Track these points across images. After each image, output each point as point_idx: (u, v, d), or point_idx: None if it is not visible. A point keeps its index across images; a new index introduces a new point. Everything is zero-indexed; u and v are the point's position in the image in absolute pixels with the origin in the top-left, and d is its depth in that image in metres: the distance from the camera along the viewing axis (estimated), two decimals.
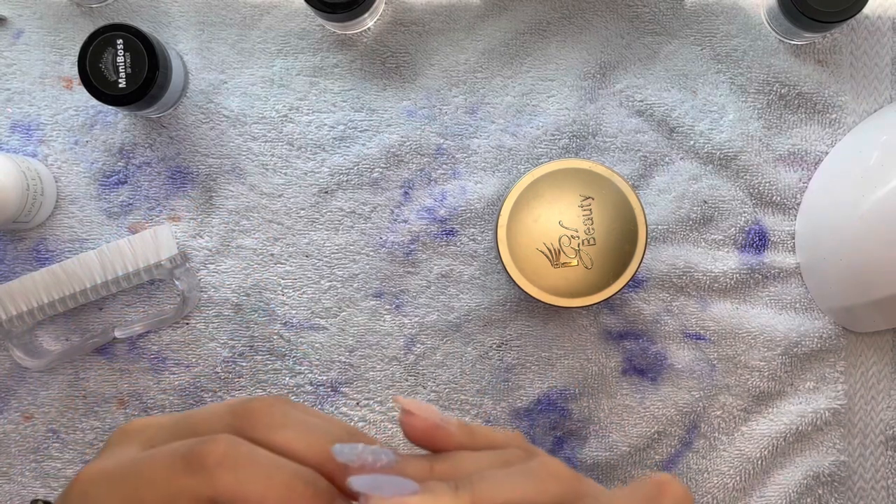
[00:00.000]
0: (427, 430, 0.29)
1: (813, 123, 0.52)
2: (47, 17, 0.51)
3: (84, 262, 0.49)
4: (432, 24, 0.52)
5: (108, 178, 0.51)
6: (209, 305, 0.51)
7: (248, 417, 0.27)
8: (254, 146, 0.51)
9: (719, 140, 0.51)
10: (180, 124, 0.51)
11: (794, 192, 0.52)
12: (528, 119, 0.51)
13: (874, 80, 0.52)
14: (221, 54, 0.51)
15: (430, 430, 0.29)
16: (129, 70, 0.46)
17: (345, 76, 0.51)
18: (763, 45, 0.52)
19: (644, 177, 0.52)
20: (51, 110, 0.51)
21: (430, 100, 0.51)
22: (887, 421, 0.52)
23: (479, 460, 0.28)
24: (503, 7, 0.52)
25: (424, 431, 0.29)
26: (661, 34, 0.52)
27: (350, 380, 0.51)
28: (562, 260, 0.45)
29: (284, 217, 0.51)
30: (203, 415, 0.28)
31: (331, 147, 0.51)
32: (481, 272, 0.51)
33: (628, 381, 0.52)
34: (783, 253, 0.52)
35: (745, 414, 0.52)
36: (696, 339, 0.52)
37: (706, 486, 0.52)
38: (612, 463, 0.51)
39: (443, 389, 0.51)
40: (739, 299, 0.52)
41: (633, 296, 0.51)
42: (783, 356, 0.51)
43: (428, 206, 0.51)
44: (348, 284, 0.51)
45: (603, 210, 0.45)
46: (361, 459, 0.27)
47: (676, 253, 0.51)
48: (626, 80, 0.52)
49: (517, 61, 0.52)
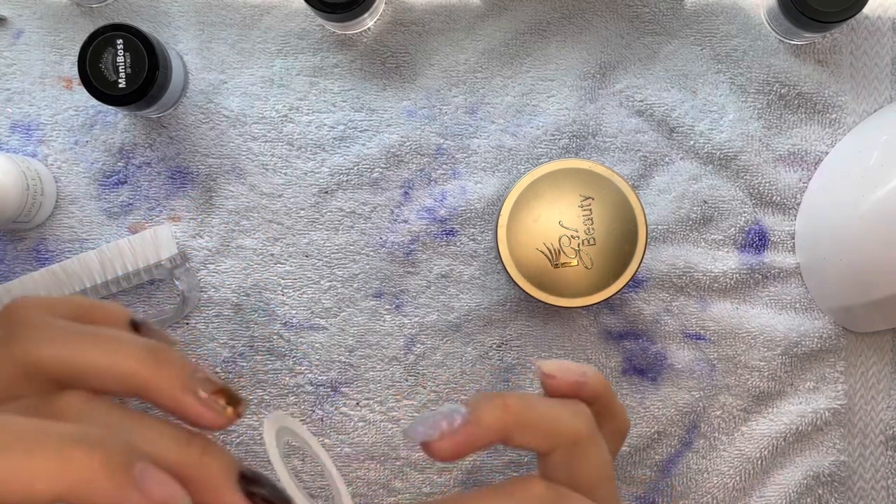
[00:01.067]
0: (570, 389, 0.33)
1: (813, 123, 0.52)
2: (47, 17, 0.51)
3: (84, 262, 0.49)
4: (432, 24, 0.52)
5: (108, 178, 0.51)
6: (209, 305, 0.51)
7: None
8: (254, 146, 0.51)
9: (719, 140, 0.51)
10: (180, 124, 0.51)
11: (794, 192, 0.52)
12: (528, 119, 0.51)
13: (874, 80, 0.52)
14: (221, 54, 0.51)
15: (574, 388, 0.33)
16: (129, 70, 0.46)
17: (345, 76, 0.51)
18: (763, 45, 0.52)
19: (644, 177, 0.52)
20: (51, 110, 0.51)
21: (430, 100, 0.51)
22: (887, 421, 0.52)
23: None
24: (503, 7, 0.52)
25: (568, 389, 0.33)
26: (661, 34, 0.52)
27: (350, 380, 0.51)
28: (562, 260, 0.45)
29: (284, 217, 0.51)
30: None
31: (331, 147, 0.51)
32: (481, 272, 0.51)
33: (628, 381, 0.52)
34: (783, 253, 0.52)
35: (745, 414, 0.52)
36: (696, 339, 0.52)
37: (706, 486, 0.52)
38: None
39: (443, 389, 0.51)
40: (739, 299, 0.52)
41: (633, 296, 0.51)
42: (783, 356, 0.51)
43: (428, 206, 0.51)
44: (348, 284, 0.51)
45: (603, 210, 0.45)
46: (440, 429, 0.27)
47: (676, 253, 0.51)
48: (626, 80, 0.52)
49: (517, 61, 0.52)
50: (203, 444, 0.24)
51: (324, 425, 0.51)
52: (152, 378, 0.24)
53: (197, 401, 0.24)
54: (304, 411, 0.51)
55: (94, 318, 0.25)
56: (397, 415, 0.51)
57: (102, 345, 0.24)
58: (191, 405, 0.24)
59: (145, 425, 0.23)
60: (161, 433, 0.23)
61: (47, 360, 0.23)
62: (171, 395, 0.24)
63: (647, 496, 0.52)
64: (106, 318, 0.25)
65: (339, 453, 0.51)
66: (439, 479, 0.51)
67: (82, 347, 0.23)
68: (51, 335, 0.23)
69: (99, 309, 0.25)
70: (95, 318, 0.25)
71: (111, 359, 0.23)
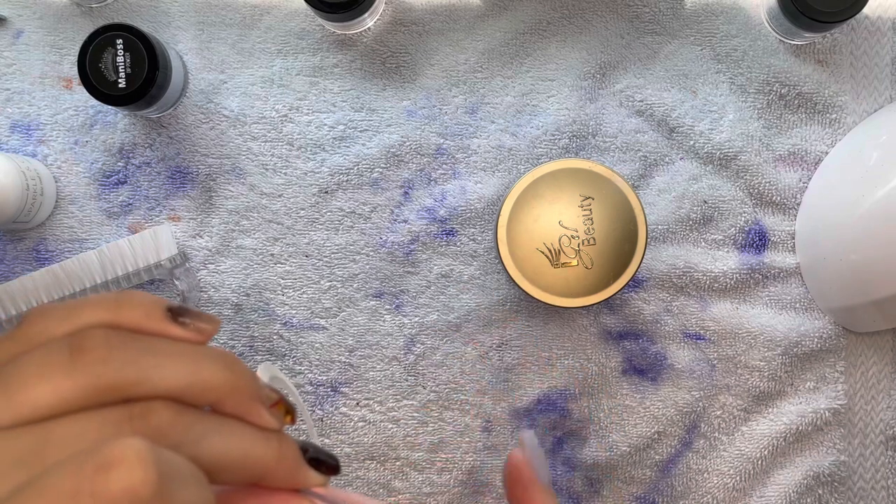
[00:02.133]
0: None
1: (813, 123, 0.52)
2: (47, 17, 0.51)
3: (84, 262, 0.49)
4: (432, 24, 0.52)
5: (108, 178, 0.51)
6: (209, 305, 0.51)
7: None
8: (254, 146, 0.51)
9: (719, 140, 0.51)
10: (180, 124, 0.51)
11: (794, 192, 0.52)
12: (528, 119, 0.51)
13: (874, 80, 0.52)
14: (221, 54, 0.51)
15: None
16: (129, 70, 0.46)
17: (345, 76, 0.51)
18: (763, 45, 0.52)
19: (644, 177, 0.52)
20: (50, 110, 0.51)
21: (430, 100, 0.51)
22: (887, 421, 0.52)
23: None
24: (503, 7, 0.52)
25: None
26: (661, 34, 0.52)
27: (350, 380, 0.51)
28: (562, 260, 0.45)
29: (284, 217, 0.51)
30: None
31: (331, 147, 0.51)
32: (481, 272, 0.51)
33: (628, 381, 0.52)
34: (783, 253, 0.52)
35: (745, 414, 0.52)
36: (696, 339, 0.52)
37: (706, 486, 0.52)
38: (613, 463, 0.51)
39: (443, 389, 0.51)
40: (739, 299, 0.52)
41: (633, 296, 0.51)
42: (783, 356, 0.51)
43: (428, 206, 0.51)
44: (348, 284, 0.51)
45: (603, 210, 0.45)
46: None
47: (676, 253, 0.51)
48: (626, 80, 0.52)
49: (517, 61, 0.52)
50: (279, 436, 0.26)
51: (324, 425, 0.51)
52: (231, 391, 0.25)
53: (266, 410, 0.25)
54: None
55: (129, 316, 0.25)
56: (397, 415, 0.51)
57: (179, 360, 0.24)
58: (261, 413, 0.25)
59: (225, 424, 0.25)
60: (242, 429, 0.25)
61: (128, 382, 0.23)
62: (245, 405, 0.25)
63: (647, 496, 0.52)
64: (144, 312, 0.25)
65: (339, 453, 0.51)
66: (439, 479, 0.51)
67: (162, 367, 0.23)
68: (128, 357, 0.23)
69: (130, 303, 0.25)
70: (134, 317, 0.25)
71: (193, 376, 0.24)
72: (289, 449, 0.26)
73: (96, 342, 0.23)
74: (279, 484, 0.25)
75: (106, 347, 0.23)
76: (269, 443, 0.25)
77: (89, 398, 0.22)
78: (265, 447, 0.25)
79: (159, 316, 0.25)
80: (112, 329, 0.24)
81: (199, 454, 0.23)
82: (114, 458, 0.20)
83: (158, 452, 0.21)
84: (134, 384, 0.23)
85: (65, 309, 0.24)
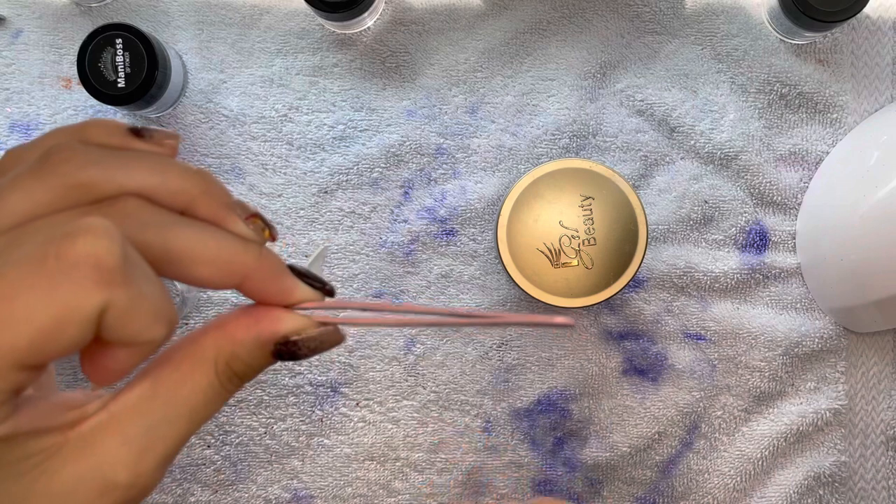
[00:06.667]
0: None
1: (814, 123, 0.52)
2: (46, 17, 0.51)
3: None
4: (432, 24, 0.51)
5: None
6: (209, 305, 0.51)
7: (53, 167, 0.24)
8: (253, 146, 0.51)
9: (720, 140, 0.51)
10: (179, 124, 0.51)
11: (795, 192, 0.52)
12: (528, 119, 0.51)
13: (875, 80, 0.52)
14: (221, 54, 0.51)
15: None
16: (129, 70, 0.46)
17: (344, 76, 0.51)
18: (764, 44, 0.51)
19: (644, 177, 0.52)
20: (50, 110, 0.51)
21: (430, 99, 0.51)
22: (888, 421, 0.52)
23: None
24: (503, 6, 0.52)
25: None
26: (661, 34, 0.52)
27: (350, 380, 0.51)
28: (562, 260, 0.45)
29: (284, 217, 0.51)
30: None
31: (330, 147, 0.51)
32: (481, 272, 0.51)
33: (629, 381, 0.52)
34: (784, 253, 0.52)
35: (746, 414, 0.52)
36: (697, 339, 0.52)
37: (706, 487, 0.52)
38: (613, 463, 0.51)
39: (443, 389, 0.51)
40: (740, 299, 0.52)
41: (634, 296, 0.51)
42: (784, 356, 0.51)
43: (428, 206, 0.51)
44: (348, 284, 0.51)
45: (603, 210, 0.45)
46: None
47: (677, 253, 0.51)
48: (626, 79, 0.51)
49: (517, 61, 0.52)
50: (259, 246, 0.25)
51: (323, 425, 0.51)
52: (200, 195, 0.24)
53: (239, 218, 0.25)
54: (304, 412, 0.51)
55: (93, 134, 0.25)
56: (397, 415, 0.51)
57: (149, 164, 0.24)
58: (234, 221, 0.25)
59: (198, 223, 0.25)
60: (216, 230, 0.25)
61: (95, 181, 0.23)
62: (216, 212, 0.25)
63: (648, 496, 0.52)
64: (107, 130, 0.25)
65: (339, 453, 0.51)
66: (439, 480, 0.51)
67: (128, 167, 0.23)
68: (93, 158, 0.23)
69: (94, 124, 0.25)
70: (97, 135, 0.25)
71: (161, 177, 0.24)
72: (270, 257, 0.25)
73: (63, 148, 0.23)
74: (265, 295, 0.25)
75: (72, 150, 0.23)
76: (248, 247, 0.25)
77: (60, 198, 0.22)
78: (243, 250, 0.24)
79: (122, 132, 0.25)
80: (80, 141, 0.24)
81: (168, 240, 0.23)
82: (80, 228, 0.20)
83: (125, 238, 0.21)
84: (102, 182, 0.23)
85: (34, 140, 0.25)
